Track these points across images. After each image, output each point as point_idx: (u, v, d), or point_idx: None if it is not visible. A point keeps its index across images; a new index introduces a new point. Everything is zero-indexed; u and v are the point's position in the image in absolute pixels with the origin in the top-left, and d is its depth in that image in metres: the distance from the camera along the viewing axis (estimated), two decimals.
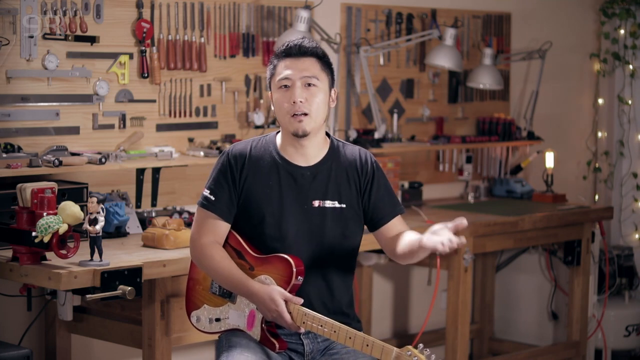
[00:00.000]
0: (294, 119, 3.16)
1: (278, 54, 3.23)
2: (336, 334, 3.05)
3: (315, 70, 3.20)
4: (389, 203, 3.30)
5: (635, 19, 6.60)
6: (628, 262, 6.36)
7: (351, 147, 3.31)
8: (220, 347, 3.25)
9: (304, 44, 3.22)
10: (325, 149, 3.27)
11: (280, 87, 3.19)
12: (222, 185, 3.22)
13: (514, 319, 6.17)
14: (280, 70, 3.20)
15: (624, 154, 6.71)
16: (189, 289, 3.35)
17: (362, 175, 3.26)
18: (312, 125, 3.18)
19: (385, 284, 5.84)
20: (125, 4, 4.52)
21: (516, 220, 5.26)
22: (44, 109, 4.31)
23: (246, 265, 3.20)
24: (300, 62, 3.19)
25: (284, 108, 3.18)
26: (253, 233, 3.23)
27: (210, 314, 3.28)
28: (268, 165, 3.23)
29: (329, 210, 3.22)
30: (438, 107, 5.89)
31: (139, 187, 4.57)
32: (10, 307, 4.25)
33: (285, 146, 3.24)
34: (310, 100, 3.17)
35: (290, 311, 3.10)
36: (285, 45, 3.22)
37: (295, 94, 3.16)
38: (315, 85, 3.19)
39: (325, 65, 3.24)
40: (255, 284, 3.14)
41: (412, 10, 5.70)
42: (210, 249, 3.21)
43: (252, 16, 4.97)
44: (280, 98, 3.20)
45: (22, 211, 3.71)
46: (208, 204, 3.23)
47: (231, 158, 3.24)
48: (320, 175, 3.23)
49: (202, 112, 4.83)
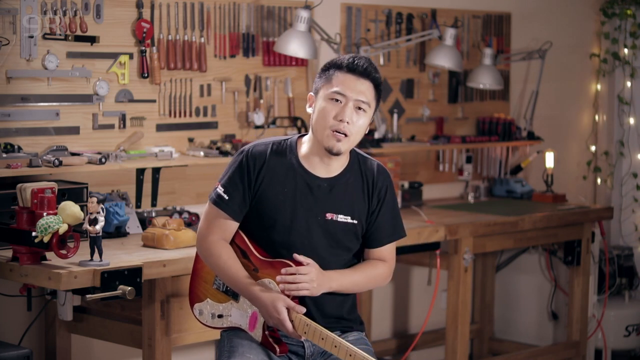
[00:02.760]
0: (334, 136, 3.12)
1: (340, 65, 3.16)
2: (337, 348, 3.04)
3: (370, 97, 3.16)
4: (391, 227, 3.29)
5: (635, 19, 6.60)
6: (628, 262, 6.37)
7: (370, 161, 3.28)
8: (222, 347, 3.25)
9: (369, 68, 3.16)
10: (345, 161, 3.24)
11: (332, 99, 3.14)
12: (237, 185, 3.19)
13: (514, 319, 6.17)
14: (337, 82, 3.14)
15: (624, 154, 6.71)
16: (192, 281, 3.33)
17: (374, 194, 3.25)
18: (347, 147, 3.16)
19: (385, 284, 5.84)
20: (125, 4, 4.52)
21: (516, 220, 5.26)
22: (44, 109, 4.31)
23: (250, 266, 3.19)
24: (360, 83, 3.14)
25: (328, 120, 3.13)
26: (261, 236, 3.21)
27: (213, 309, 3.27)
28: (286, 171, 3.19)
29: (340, 224, 3.20)
30: (438, 107, 5.89)
31: (139, 187, 4.57)
32: (10, 307, 4.25)
33: (310, 155, 3.20)
34: (355, 123, 3.14)
35: (292, 319, 3.09)
36: (351, 61, 3.16)
37: (345, 114, 3.12)
38: (364, 111, 3.15)
39: (378, 94, 3.20)
40: (259, 289, 3.13)
41: (412, 10, 5.70)
42: (218, 247, 3.20)
43: (252, 16, 4.97)
44: (327, 109, 3.14)
45: (22, 211, 3.71)
46: (221, 202, 3.19)
47: (250, 158, 3.19)
48: (336, 188, 3.21)
49: (202, 112, 4.83)
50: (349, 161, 3.24)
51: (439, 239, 4.91)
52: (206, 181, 4.74)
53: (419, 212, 5.21)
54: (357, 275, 3.24)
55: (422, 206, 5.50)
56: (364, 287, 3.29)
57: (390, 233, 3.29)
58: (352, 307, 3.31)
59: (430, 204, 5.65)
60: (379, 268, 3.29)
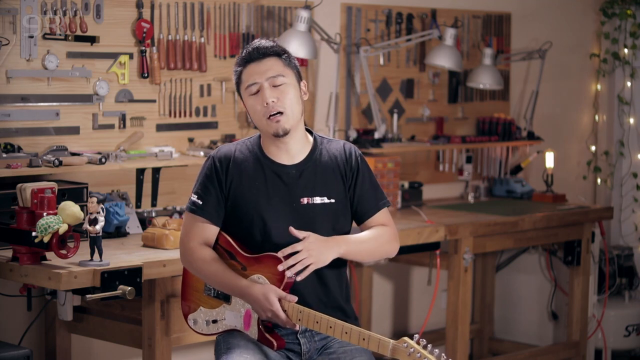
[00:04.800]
0: (271, 121, 3.17)
1: (239, 62, 3.23)
2: (332, 329, 3.05)
3: (279, 69, 3.19)
4: (373, 197, 3.30)
5: (635, 19, 6.60)
6: (628, 262, 6.36)
7: (335, 142, 3.32)
8: (218, 350, 3.25)
9: (261, 45, 3.21)
10: (308, 146, 3.27)
11: (251, 94, 3.20)
12: (209, 189, 3.23)
13: (514, 319, 6.17)
14: (246, 77, 3.20)
15: (624, 154, 6.71)
16: (183, 292, 3.35)
17: (347, 169, 3.27)
18: (291, 122, 3.18)
19: (385, 284, 5.84)
20: (125, 4, 4.53)
21: (516, 220, 5.26)
22: (44, 109, 4.31)
23: (238, 266, 3.20)
24: (263, 64, 3.19)
25: (259, 112, 3.18)
26: (243, 234, 3.23)
27: (206, 316, 3.28)
28: (253, 167, 3.23)
29: (318, 206, 3.22)
30: (438, 107, 5.89)
31: (139, 187, 4.57)
32: (10, 307, 4.25)
33: (268, 146, 3.25)
34: (282, 98, 3.17)
35: (285, 309, 3.10)
36: (245, 52, 3.23)
37: (265, 96, 3.16)
38: (283, 82, 3.19)
39: (287, 62, 3.23)
40: (248, 284, 3.14)
41: (412, 10, 5.70)
42: (200, 251, 3.21)
43: (252, 16, 4.97)
44: (252, 104, 3.20)
45: (22, 211, 3.71)
46: (196, 208, 3.23)
47: (217, 161, 3.24)
48: (306, 172, 3.23)
49: (202, 112, 4.83)
50: (312, 144, 3.27)
51: (439, 239, 4.91)
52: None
53: (419, 212, 5.21)
54: (364, 237, 3.25)
55: (422, 206, 5.50)
56: (374, 250, 3.28)
57: (375, 203, 3.30)
58: (347, 298, 3.31)
59: (430, 204, 5.65)
60: (383, 231, 3.28)
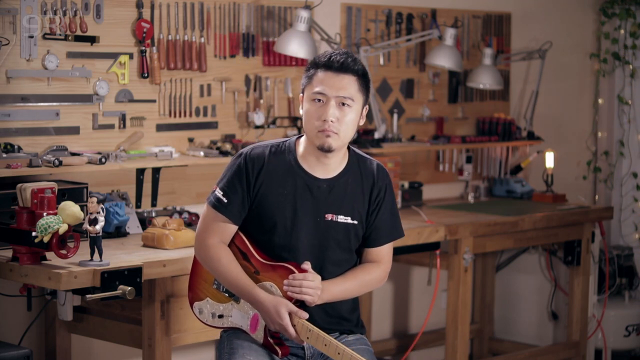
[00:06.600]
0: (322, 134, 3.10)
1: (318, 63, 3.14)
2: (340, 355, 3.03)
3: (352, 91, 3.12)
4: (389, 227, 3.27)
5: (635, 19, 6.59)
6: (628, 262, 6.36)
7: (369, 161, 3.26)
8: (221, 348, 3.24)
9: (347, 62, 3.12)
10: (344, 162, 3.22)
11: (314, 99, 3.12)
12: (236, 188, 3.17)
13: (514, 319, 6.17)
14: (317, 82, 3.12)
15: (624, 154, 6.71)
16: (192, 279, 3.32)
17: (374, 194, 3.22)
18: (339, 143, 3.13)
19: (385, 284, 5.84)
20: (125, 4, 4.52)
21: (516, 220, 5.26)
22: (44, 109, 4.31)
23: (251, 268, 3.18)
24: (339, 79, 3.10)
25: (314, 122, 3.11)
26: (262, 239, 3.19)
27: (213, 309, 3.26)
28: (285, 173, 3.17)
29: (341, 225, 3.19)
30: (438, 107, 5.89)
31: (139, 187, 4.57)
32: (10, 307, 4.25)
33: (306, 155, 3.18)
34: (342, 120, 3.10)
35: (294, 324, 3.08)
36: (328, 57, 3.13)
37: (327, 113, 3.09)
38: (349, 106, 3.12)
39: (363, 85, 3.15)
40: (261, 292, 3.12)
41: (412, 10, 5.70)
42: (217, 250, 3.18)
43: (252, 16, 4.97)
44: (311, 111, 3.12)
45: (22, 211, 3.71)
46: (220, 205, 3.17)
47: (248, 161, 3.17)
48: (336, 188, 3.19)
49: (202, 112, 4.83)
50: (347, 161, 3.22)
51: (439, 239, 4.91)
52: (206, 181, 4.74)
53: (419, 212, 5.21)
54: (348, 283, 3.22)
55: (422, 206, 5.50)
56: (357, 293, 3.27)
57: (389, 233, 3.27)
58: (353, 308, 3.30)
59: (430, 204, 5.65)
60: (372, 273, 3.27)
